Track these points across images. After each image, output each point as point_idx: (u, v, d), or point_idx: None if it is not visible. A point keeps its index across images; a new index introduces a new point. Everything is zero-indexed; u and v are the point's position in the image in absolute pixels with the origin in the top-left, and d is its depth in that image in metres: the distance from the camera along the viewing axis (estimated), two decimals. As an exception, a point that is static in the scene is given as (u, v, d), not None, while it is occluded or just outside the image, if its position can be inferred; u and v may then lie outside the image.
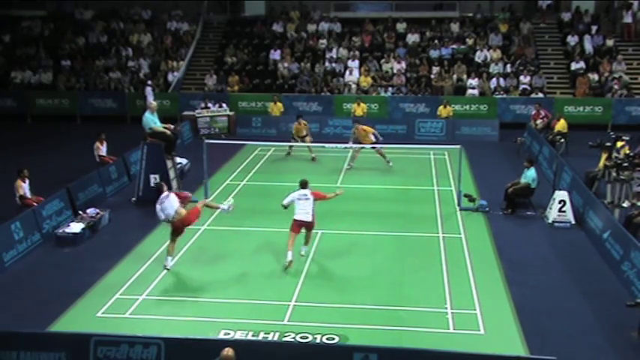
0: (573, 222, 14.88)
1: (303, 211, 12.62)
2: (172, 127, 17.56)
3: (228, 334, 10.19)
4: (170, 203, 12.46)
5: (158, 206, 12.46)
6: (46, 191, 15.42)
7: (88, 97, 27.60)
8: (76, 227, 14.18)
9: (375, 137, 19.68)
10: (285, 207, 12.95)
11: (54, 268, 12.84)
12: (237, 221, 15.04)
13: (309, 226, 12.83)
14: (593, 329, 10.50)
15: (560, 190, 15.54)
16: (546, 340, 10.09)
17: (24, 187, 14.85)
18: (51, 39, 30.92)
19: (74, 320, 10.70)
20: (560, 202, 14.93)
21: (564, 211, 14.92)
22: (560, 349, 9.32)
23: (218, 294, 11.81)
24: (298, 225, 12.70)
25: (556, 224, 14.89)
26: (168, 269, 12.51)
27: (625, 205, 14.38)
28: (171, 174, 16.75)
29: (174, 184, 16.76)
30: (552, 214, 15.01)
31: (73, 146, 22.37)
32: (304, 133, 20.88)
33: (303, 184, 12.91)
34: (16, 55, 30.05)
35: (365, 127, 19.73)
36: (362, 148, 19.71)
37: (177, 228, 12.60)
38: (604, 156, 16.06)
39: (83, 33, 30.87)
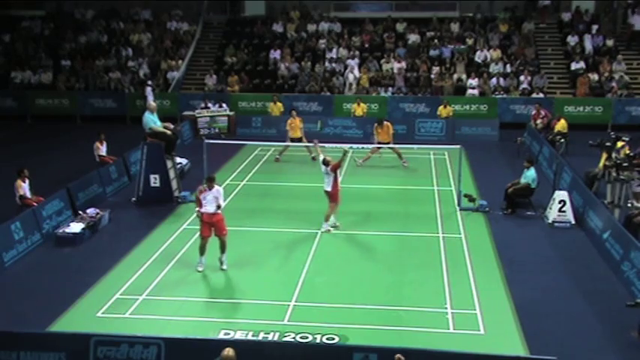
0: (573, 222, 14.88)
1: (325, 182, 14.30)
2: (172, 126, 17.57)
3: (228, 334, 10.19)
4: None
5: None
6: (46, 191, 15.42)
7: (88, 97, 27.61)
8: (76, 227, 14.18)
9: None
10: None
11: (54, 268, 12.84)
12: (238, 221, 15.01)
13: (329, 196, 14.29)
14: (593, 329, 10.50)
15: (560, 190, 15.55)
16: (546, 340, 10.09)
17: (24, 187, 14.85)
18: (51, 39, 30.94)
19: (74, 320, 10.70)
20: (560, 202, 14.93)
21: (564, 211, 14.92)
22: (560, 349, 9.31)
23: (218, 294, 11.83)
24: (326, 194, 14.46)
25: (556, 224, 14.89)
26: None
27: (628, 205, 14.37)
28: (172, 174, 16.76)
29: (174, 184, 16.78)
30: (552, 214, 15.01)
31: (73, 146, 22.36)
32: (299, 134, 20.52)
33: (325, 163, 14.20)
34: (16, 55, 30.06)
35: (389, 124, 19.92)
36: (379, 148, 19.72)
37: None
38: (604, 156, 16.07)
39: (84, 33, 30.89)
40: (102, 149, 19.02)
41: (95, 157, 18.95)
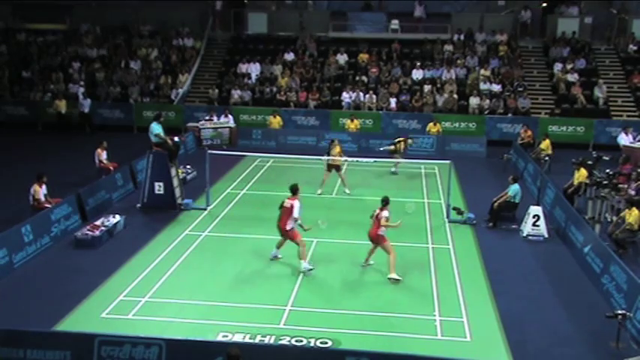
0: (547, 236, 14.93)
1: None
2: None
3: (226, 336, 10.17)
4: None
5: None
6: (52, 194, 15.36)
7: (97, 107, 27.49)
8: (91, 231, 14.15)
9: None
10: None
11: (61, 270, 12.79)
12: (237, 228, 15.04)
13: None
14: (573, 338, 10.51)
15: (542, 205, 15.55)
16: (529, 348, 10.11)
17: (40, 192, 14.83)
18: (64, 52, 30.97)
19: (79, 320, 10.67)
20: (534, 216, 14.97)
21: (538, 225, 14.95)
22: (543, 357, 9.32)
23: (217, 297, 11.78)
24: None
25: (530, 237, 14.92)
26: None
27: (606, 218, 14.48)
28: (175, 182, 16.73)
29: (177, 191, 16.75)
30: (527, 227, 15.05)
31: (79, 153, 22.25)
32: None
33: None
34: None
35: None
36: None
37: None
38: (579, 172, 16.36)
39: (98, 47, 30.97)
40: (103, 155, 18.96)
41: (96, 162, 18.90)
